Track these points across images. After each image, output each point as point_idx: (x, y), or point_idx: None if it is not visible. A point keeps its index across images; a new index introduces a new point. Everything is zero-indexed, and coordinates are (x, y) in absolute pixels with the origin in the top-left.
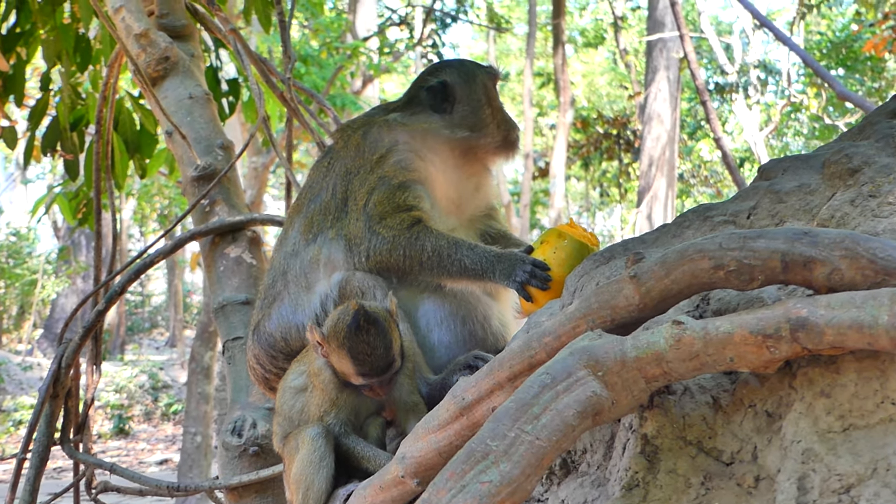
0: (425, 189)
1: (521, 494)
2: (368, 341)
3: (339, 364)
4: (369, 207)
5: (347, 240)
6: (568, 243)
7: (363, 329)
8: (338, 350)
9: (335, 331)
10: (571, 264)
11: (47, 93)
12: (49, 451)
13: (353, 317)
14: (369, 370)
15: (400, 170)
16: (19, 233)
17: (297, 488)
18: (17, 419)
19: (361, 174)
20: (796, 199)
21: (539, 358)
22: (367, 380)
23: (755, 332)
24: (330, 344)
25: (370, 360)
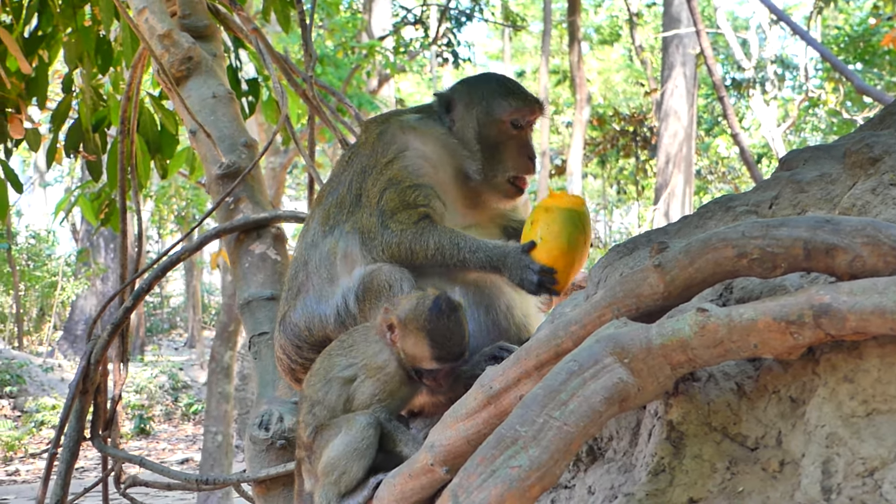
0: (436, 191)
1: (549, 479)
2: (449, 326)
3: (414, 348)
4: (382, 204)
5: (362, 233)
6: (557, 215)
7: (445, 313)
8: (416, 332)
9: (415, 314)
10: (569, 233)
11: (69, 95)
12: (79, 446)
13: (435, 301)
14: (445, 354)
15: (408, 174)
16: (39, 235)
17: (329, 472)
18: (38, 420)
19: (374, 174)
20: (818, 189)
21: (565, 346)
22: (441, 364)
23: (779, 319)
24: (407, 327)
25: (448, 345)
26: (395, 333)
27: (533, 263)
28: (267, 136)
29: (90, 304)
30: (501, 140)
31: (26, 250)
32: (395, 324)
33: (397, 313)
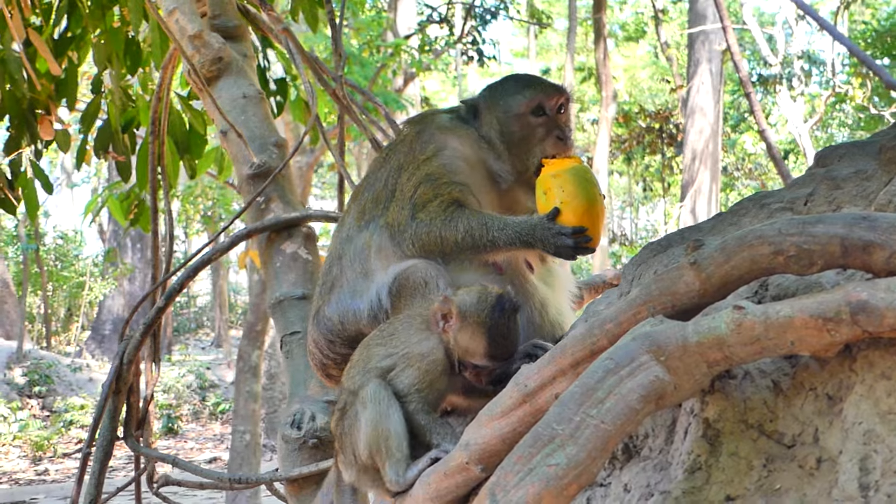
0: (471, 189)
1: (587, 477)
2: (508, 325)
3: (471, 341)
4: (415, 197)
5: (391, 227)
6: (568, 175)
7: (507, 313)
8: (475, 326)
9: (478, 308)
10: (584, 187)
11: (98, 96)
12: (113, 445)
13: (499, 299)
14: (500, 353)
15: (446, 171)
16: (66, 236)
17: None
18: (67, 420)
19: (410, 169)
20: (853, 185)
21: (601, 344)
22: (492, 363)
23: (816, 316)
24: (467, 319)
25: (504, 344)
26: (450, 323)
27: (564, 228)
28: (294, 136)
29: (117, 304)
30: (526, 133)
31: (54, 251)
32: (453, 313)
33: (458, 303)
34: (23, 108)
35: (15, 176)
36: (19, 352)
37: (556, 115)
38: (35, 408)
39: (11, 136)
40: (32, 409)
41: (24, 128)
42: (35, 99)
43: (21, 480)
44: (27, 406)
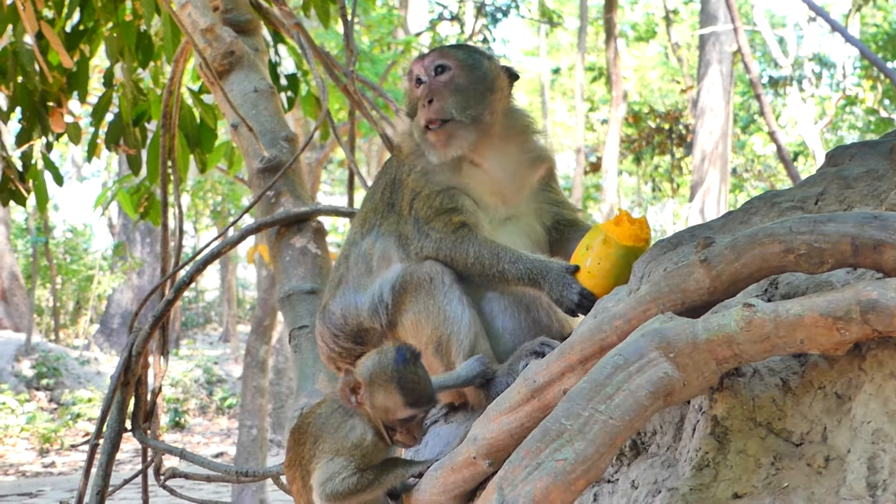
0: (459, 192)
1: (595, 472)
2: (416, 371)
3: (386, 400)
4: (414, 212)
5: (399, 237)
6: (614, 251)
7: (409, 360)
8: (385, 385)
9: (381, 366)
10: (618, 272)
11: (110, 89)
12: (120, 437)
13: (398, 351)
14: (418, 399)
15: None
16: (76, 229)
17: None
18: (75, 412)
19: (401, 187)
20: (864, 185)
21: (610, 341)
22: (415, 410)
23: (826, 315)
24: (374, 382)
25: (419, 389)
26: (361, 394)
27: (575, 283)
28: (305, 132)
29: (126, 297)
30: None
31: (63, 244)
32: (360, 383)
33: (360, 373)
34: (34, 101)
35: (26, 168)
36: (28, 344)
37: (433, 79)
38: (43, 400)
39: (23, 129)
40: (40, 402)
41: (35, 120)
42: (47, 91)
43: (28, 472)
44: (35, 398)
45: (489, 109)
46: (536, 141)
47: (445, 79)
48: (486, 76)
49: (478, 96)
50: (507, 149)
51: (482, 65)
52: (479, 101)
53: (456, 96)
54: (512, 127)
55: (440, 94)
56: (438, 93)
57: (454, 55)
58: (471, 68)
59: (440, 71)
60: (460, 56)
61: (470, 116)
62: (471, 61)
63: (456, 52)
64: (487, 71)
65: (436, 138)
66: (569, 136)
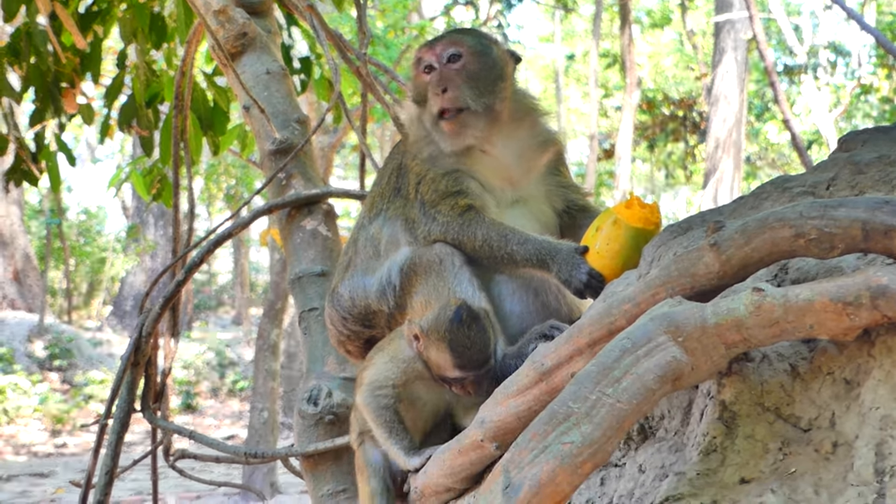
0: (464, 174)
1: (601, 456)
2: (469, 335)
3: (437, 358)
4: (420, 196)
5: (406, 220)
6: (623, 232)
7: (465, 323)
8: (437, 342)
9: (437, 324)
10: (627, 254)
11: (123, 70)
12: (130, 417)
13: (456, 311)
14: (467, 363)
15: (431, 167)
16: (89, 211)
17: None
18: (87, 394)
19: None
20: (876, 171)
21: (619, 324)
22: (464, 373)
23: (835, 300)
24: (430, 337)
25: (469, 354)
26: (420, 343)
27: (584, 264)
28: (317, 115)
29: (139, 279)
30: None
31: (77, 226)
32: (418, 334)
33: (420, 324)
34: (47, 82)
35: (39, 149)
36: (41, 325)
37: (444, 66)
38: (55, 381)
39: (36, 109)
40: (52, 383)
41: (48, 101)
42: (60, 72)
43: (40, 453)
44: (47, 379)
45: (500, 96)
46: (544, 124)
47: (458, 66)
48: (497, 63)
49: (490, 84)
50: (515, 133)
51: (492, 51)
52: (491, 89)
53: (469, 84)
54: (518, 110)
55: (453, 83)
56: (451, 81)
57: (465, 42)
58: (481, 55)
59: (453, 59)
60: (471, 42)
61: (483, 105)
62: (481, 48)
63: (466, 39)
64: (497, 57)
65: (450, 128)
66: (582, 123)
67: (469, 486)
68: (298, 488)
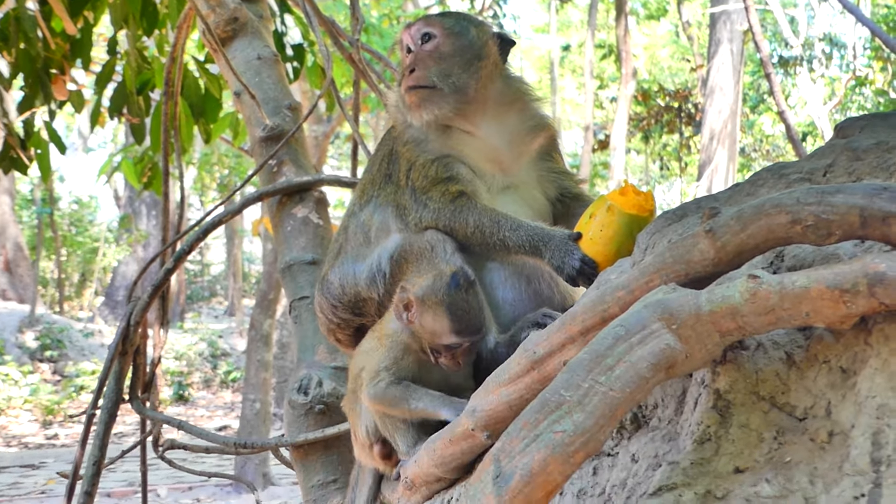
0: (454, 160)
1: (594, 445)
2: (467, 300)
3: (434, 323)
4: (411, 183)
5: (396, 207)
6: (617, 218)
7: (463, 287)
8: (435, 307)
9: (433, 289)
10: (620, 240)
11: (114, 57)
12: (118, 407)
13: (453, 276)
14: (465, 328)
15: (421, 152)
16: (81, 201)
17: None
18: (78, 384)
19: (398, 159)
20: (874, 157)
21: (612, 312)
22: (460, 339)
23: (832, 287)
24: (425, 303)
25: (467, 318)
26: (412, 312)
27: (577, 250)
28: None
29: (131, 269)
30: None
31: (69, 216)
32: (412, 302)
33: (414, 291)
34: (37, 68)
35: (28, 136)
36: (32, 316)
37: (419, 48)
38: (46, 372)
39: (25, 96)
40: (43, 374)
41: (38, 87)
42: (50, 59)
43: (31, 444)
44: (38, 370)
45: (475, 77)
46: (535, 108)
47: (430, 47)
48: (473, 43)
49: (463, 64)
50: (503, 116)
51: (468, 32)
52: (463, 69)
53: (439, 64)
54: (506, 94)
55: (423, 63)
56: (422, 61)
57: (440, 23)
58: (456, 36)
59: (426, 39)
60: (446, 24)
61: (452, 85)
62: (457, 28)
63: (442, 20)
64: (474, 38)
65: (411, 100)
66: (578, 114)
67: (460, 476)
68: (291, 479)
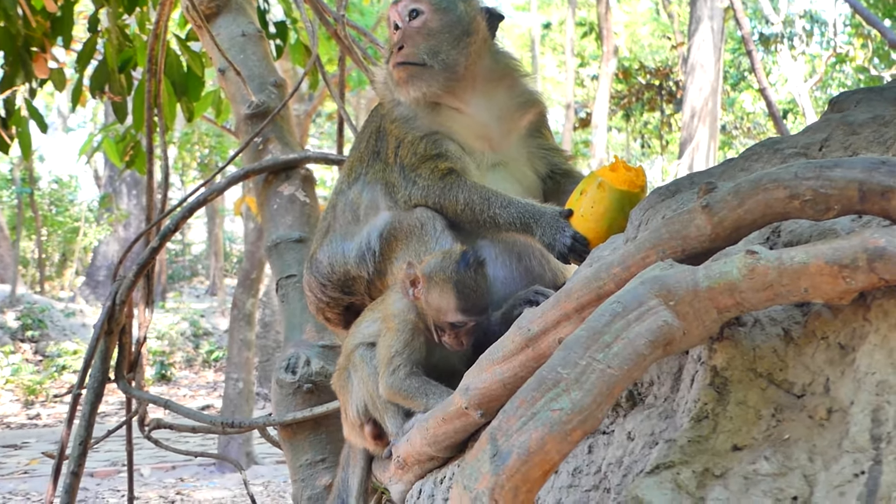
0: (443, 136)
1: (591, 422)
2: (475, 279)
3: (440, 300)
4: (399, 160)
5: (385, 184)
6: (608, 194)
7: (472, 266)
8: (442, 284)
9: (441, 266)
10: (612, 216)
11: (95, 35)
12: (104, 387)
13: (463, 255)
14: (471, 307)
15: (409, 129)
16: (61, 181)
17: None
18: (60, 364)
19: (386, 135)
20: (870, 131)
21: (608, 289)
22: (466, 317)
23: (831, 263)
24: (432, 279)
25: (474, 297)
26: (419, 288)
27: (568, 227)
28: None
29: (112, 249)
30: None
31: (49, 195)
32: (419, 278)
33: (422, 268)
34: (17, 46)
35: (9, 115)
36: (13, 296)
37: (407, 25)
38: (28, 352)
39: (5, 75)
40: (25, 354)
41: (18, 66)
42: (30, 36)
43: (13, 424)
44: (20, 350)
45: (464, 53)
46: (524, 84)
47: (418, 24)
48: (462, 19)
49: (452, 40)
50: (492, 92)
51: (456, 7)
52: (452, 46)
53: (428, 41)
54: (495, 70)
55: (412, 40)
56: (411, 38)
57: None
58: (444, 11)
59: (414, 15)
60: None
61: (441, 62)
62: (444, 4)
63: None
64: (463, 13)
65: (399, 76)
66: (558, 92)
67: (452, 455)
68: (274, 458)
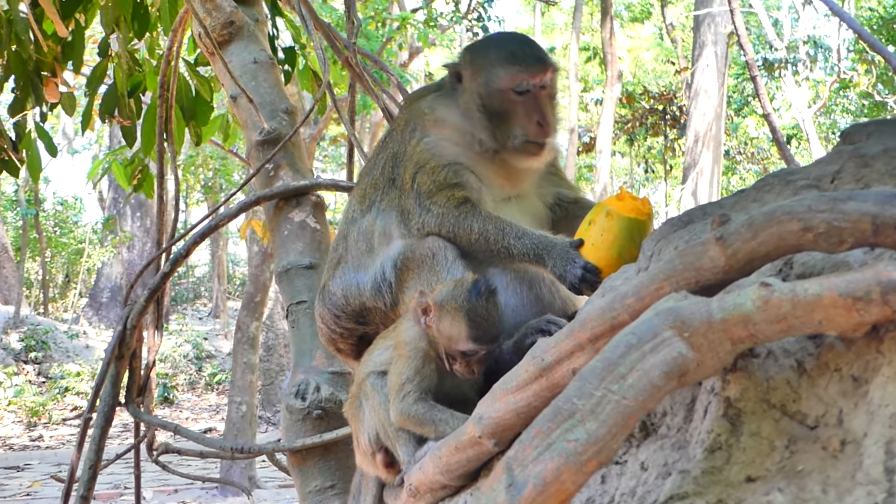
0: (465, 166)
1: (606, 453)
2: (487, 308)
3: (451, 329)
4: (416, 186)
5: (400, 212)
6: (616, 223)
7: (483, 295)
8: (454, 313)
9: (453, 295)
10: (621, 244)
11: (105, 59)
12: (114, 411)
13: (475, 284)
14: (482, 335)
15: (432, 156)
16: (66, 202)
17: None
18: (63, 386)
19: (404, 160)
20: (882, 164)
21: (621, 319)
22: (477, 346)
23: (845, 295)
24: (444, 308)
25: (485, 326)
26: (431, 317)
27: (579, 258)
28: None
29: (116, 271)
30: (506, 108)
31: (53, 217)
32: (431, 307)
33: (434, 296)
34: (28, 70)
35: (19, 138)
36: (16, 317)
37: (539, 91)
38: (31, 373)
39: (16, 98)
40: (28, 375)
41: (29, 90)
42: (41, 61)
43: (15, 446)
44: (23, 371)
45: None
46: None
47: (546, 94)
48: None
49: None
50: None
51: None
52: None
53: (555, 116)
54: None
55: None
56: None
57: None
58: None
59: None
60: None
61: None
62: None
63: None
64: None
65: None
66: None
67: (465, 484)
68: (276, 483)
